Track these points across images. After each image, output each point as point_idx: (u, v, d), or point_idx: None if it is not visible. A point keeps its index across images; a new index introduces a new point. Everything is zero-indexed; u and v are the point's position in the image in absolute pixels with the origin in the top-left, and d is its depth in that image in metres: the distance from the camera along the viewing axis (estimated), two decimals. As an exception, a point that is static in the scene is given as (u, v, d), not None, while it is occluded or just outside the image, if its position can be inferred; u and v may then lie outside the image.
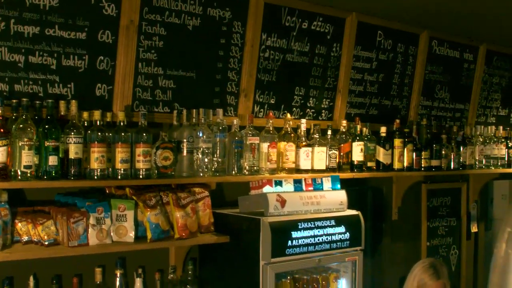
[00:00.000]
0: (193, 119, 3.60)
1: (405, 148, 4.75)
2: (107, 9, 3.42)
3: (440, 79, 5.51)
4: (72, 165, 3.06)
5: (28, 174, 2.91)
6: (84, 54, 3.36)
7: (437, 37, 5.34)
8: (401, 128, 4.81)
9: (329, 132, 4.24)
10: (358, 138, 4.43)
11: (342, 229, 3.64)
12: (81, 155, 3.09)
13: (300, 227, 3.43)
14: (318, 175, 3.85)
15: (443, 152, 5.07)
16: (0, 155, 2.85)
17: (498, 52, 5.94)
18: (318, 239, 3.51)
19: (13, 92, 3.13)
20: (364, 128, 4.51)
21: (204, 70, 3.87)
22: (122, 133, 3.23)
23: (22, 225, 3.02)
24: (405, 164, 4.76)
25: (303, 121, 4.13)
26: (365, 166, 4.46)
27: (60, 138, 3.04)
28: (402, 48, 5.09)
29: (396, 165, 4.70)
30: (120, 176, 3.20)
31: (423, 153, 4.89)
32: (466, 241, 5.79)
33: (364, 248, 3.79)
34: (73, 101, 3.13)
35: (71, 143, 3.05)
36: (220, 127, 3.62)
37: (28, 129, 2.92)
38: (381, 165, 4.60)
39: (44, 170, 3.00)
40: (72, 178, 3.06)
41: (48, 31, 3.22)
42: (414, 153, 4.83)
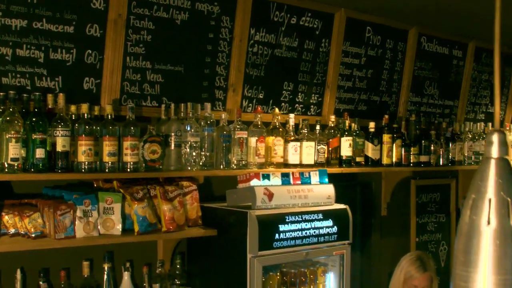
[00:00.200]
0: (181, 113, 3.61)
1: (394, 144, 4.76)
2: (95, 3, 3.42)
3: (429, 76, 5.53)
4: (60, 158, 3.06)
5: (15, 167, 2.90)
6: (72, 48, 3.36)
7: (426, 34, 5.35)
8: (390, 124, 4.82)
9: (318, 127, 4.24)
10: (347, 133, 4.43)
11: (330, 223, 3.64)
12: (69, 148, 3.09)
13: (288, 221, 3.44)
14: (306, 170, 3.86)
15: (432, 148, 5.09)
16: (-13, 148, 2.85)
17: (487, 49, 5.94)
18: (306, 233, 3.52)
19: (1, 85, 3.12)
20: (353, 124, 4.52)
21: (193, 65, 3.87)
22: (110, 126, 3.23)
23: (9, 218, 3.02)
24: (394, 160, 4.77)
25: (292, 116, 4.13)
26: (354, 162, 4.46)
27: (48, 131, 3.04)
28: (391, 44, 5.10)
29: (385, 161, 4.70)
30: (108, 169, 3.20)
31: (412, 149, 4.91)
32: (455, 237, 5.79)
33: (353, 244, 3.81)
34: (61, 94, 3.13)
35: (59, 136, 3.05)
36: (208, 121, 3.63)
37: (15, 122, 2.91)
38: (370, 161, 4.61)
39: (31, 163, 3.00)
40: (60, 171, 3.05)
41: (36, 24, 3.22)
42: (403, 149, 4.84)
